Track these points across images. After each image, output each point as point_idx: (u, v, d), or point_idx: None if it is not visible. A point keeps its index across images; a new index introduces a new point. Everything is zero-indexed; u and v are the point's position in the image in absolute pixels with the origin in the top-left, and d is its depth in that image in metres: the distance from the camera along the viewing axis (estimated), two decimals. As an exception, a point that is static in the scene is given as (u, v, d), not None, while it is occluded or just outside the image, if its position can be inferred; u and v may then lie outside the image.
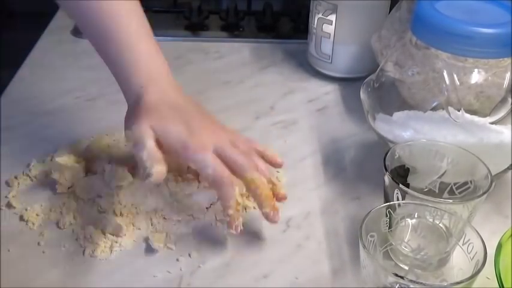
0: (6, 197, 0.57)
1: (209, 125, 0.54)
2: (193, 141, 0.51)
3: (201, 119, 0.54)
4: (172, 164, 0.54)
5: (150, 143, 0.50)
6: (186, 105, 0.55)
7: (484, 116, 0.54)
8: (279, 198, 0.55)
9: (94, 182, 0.57)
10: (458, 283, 0.41)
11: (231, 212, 0.50)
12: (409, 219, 0.49)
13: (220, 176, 0.50)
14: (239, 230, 0.51)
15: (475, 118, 0.54)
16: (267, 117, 0.73)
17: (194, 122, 0.53)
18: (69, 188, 0.58)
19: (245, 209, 0.57)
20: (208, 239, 0.54)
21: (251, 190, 0.52)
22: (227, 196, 0.50)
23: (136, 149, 0.50)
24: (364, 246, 0.43)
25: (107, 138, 0.65)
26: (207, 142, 0.52)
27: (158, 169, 0.49)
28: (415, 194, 0.48)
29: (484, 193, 0.48)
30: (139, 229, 0.54)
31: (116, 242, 0.52)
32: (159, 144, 0.51)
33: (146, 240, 0.53)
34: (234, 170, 0.52)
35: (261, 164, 0.54)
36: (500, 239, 0.47)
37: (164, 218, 0.55)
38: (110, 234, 0.53)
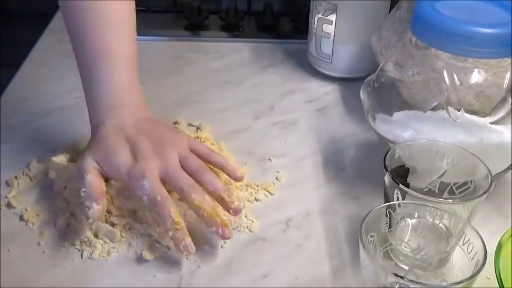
0: (6, 197, 0.57)
1: (160, 144, 0.54)
2: (135, 170, 0.52)
3: (150, 142, 0.54)
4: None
5: (89, 179, 0.52)
6: (141, 129, 0.55)
7: (484, 116, 0.54)
8: (232, 212, 0.53)
9: None
10: (458, 283, 0.41)
11: (170, 234, 0.50)
12: (409, 219, 0.49)
13: (154, 199, 0.50)
14: (190, 249, 0.49)
15: (475, 118, 0.54)
16: (267, 117, 0.73)
17: (142, 148, 0.53)
18: (65, 187, 0.57)
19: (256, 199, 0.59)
20: (208, 238, 0.54)
21: (195, 212, 0.52)
22: (162, 218, 0.50)
23: (79, 184, 0.53)
24: (364, 246, 0.43)
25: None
26: (151, 168, 0.52)
27: (95, 209, 0.51)
28: (415, 194, 0.47)
29: (484, 193, 0.48)
30: (137, 238, 0.53)
31: (114, 248, 0.52)
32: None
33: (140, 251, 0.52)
34: (178, 193, 0.52)
35: (210, 181, 0.53)
36: (500, 239, 0.47)
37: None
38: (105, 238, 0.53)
